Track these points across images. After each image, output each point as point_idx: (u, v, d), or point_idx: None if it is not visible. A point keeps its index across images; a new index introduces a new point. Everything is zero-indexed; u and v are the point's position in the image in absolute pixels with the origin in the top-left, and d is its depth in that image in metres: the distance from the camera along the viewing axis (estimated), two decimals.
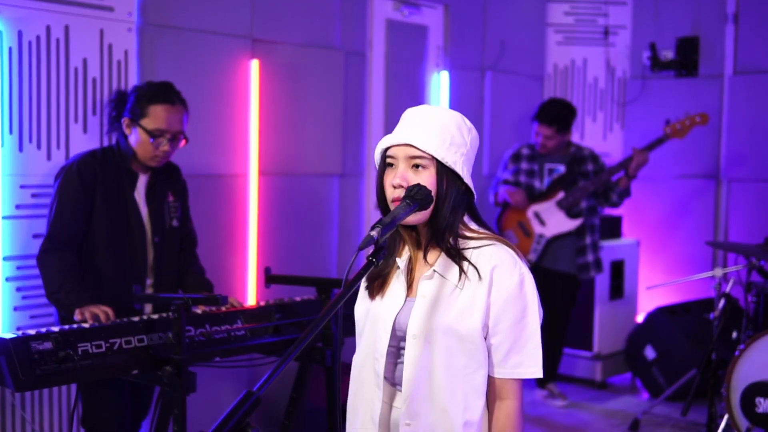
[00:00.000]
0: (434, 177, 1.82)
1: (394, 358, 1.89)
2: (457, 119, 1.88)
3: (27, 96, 3.40)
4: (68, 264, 3.01)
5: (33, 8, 3.40)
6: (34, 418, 3.49)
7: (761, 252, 4.12)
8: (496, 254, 1.84)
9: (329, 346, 3.25)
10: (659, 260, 5.91)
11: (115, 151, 3.15)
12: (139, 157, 3.11)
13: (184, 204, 3.36)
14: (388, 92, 5.06)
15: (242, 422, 1.51)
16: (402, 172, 1.83)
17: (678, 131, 4.88)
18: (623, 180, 4.87)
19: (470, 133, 1.89)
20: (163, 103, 3.07)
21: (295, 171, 4.51)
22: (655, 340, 5.22)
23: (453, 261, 1.85)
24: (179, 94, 3.16)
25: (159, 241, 3.19)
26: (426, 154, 1.82)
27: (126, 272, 3.08)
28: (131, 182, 3.14)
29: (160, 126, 3.06)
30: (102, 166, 3.09)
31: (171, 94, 3.12)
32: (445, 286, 1.84)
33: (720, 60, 5.68)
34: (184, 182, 3.37)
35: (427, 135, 1.83)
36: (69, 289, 2.93)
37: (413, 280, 1.90)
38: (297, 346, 1.56)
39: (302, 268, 4.46)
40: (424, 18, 5.26)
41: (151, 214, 3.18)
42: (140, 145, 3.09)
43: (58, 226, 3.03)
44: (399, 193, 1.82)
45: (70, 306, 2.90)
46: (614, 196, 4.93)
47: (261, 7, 4.26)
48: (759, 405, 3.72)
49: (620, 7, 6.07)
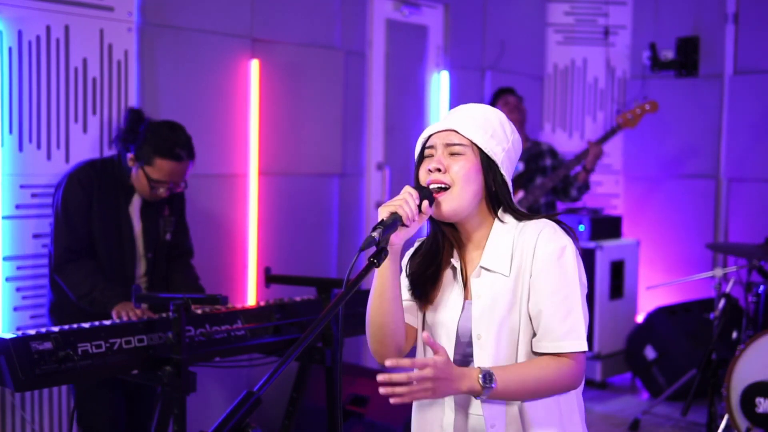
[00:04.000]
0: (472, 163, 1.80)
1: (465, 364, 1.83)
2: (500, 117, 1.89)
3: (27, 96, 3.40)
4: (91, 267, 3.04)
5: (33, 8, 3.40)
6: (34, 418, 3.49)
7: (761, 252, 4.12)
8: (537, 226, 1.81)
9: (329, 346, 3.25)
10: (659, 260, 5.91)
11: (115, 163, 3.15)
12: (136, 188, 3.12)
13: (181, 217, 3.35)
14: (388, 92, 5.05)
15: (242, 422, 1.51)
16: (439, 157, 1.82)
17: (629, 120, 4.87)
18: (581, 174, 4.83)
19: (513, 134, 1.89)
20: (170, 159, 3.04)
21: (295, 171, 4.51)
22: (655, 340, 5.21)
23: (500, 253, 1.81)
24: (189, 142, 3.11)
25: (152, 256, 3.20)
26: (465, 140, 1.81)
27: (117, 284, 3.08)
28: (126, 197, 3.15)
29: (162, 179, 3.06)
30: (99, 177, 3.09)
31: (179, 148, 3.06)
32: (496, 279, 1.81)
33: (720, 60, 5.68)
34: (181, 195, 3.34)
35: (469, 122, 1.82)
36: (102, 287, 2.97)
37: (467, 281, 1.86)
38: (298, 346, 1.55)
39: (302, 268, 4.46)
40: (424, 18, 5.26)
41: (144, 230, 3.18)
42: (139, 182, 3.09)
43: (70, 238, 3.04)
44: (434, 177, 1.80)
45: (106, 303, 2.93)
46: (573, 191, 4.88)
47: (261, 7, 4.26)
48: (759, 405, 3.72)
49: (620, 7, 6.07)
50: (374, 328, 1.85)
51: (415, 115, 5.19)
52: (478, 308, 1.81)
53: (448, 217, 1.82)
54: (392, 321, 1.83)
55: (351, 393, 3.73)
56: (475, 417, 1.83)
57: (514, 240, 1.82)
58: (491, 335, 1.79)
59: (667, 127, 5.65)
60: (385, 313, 1.82)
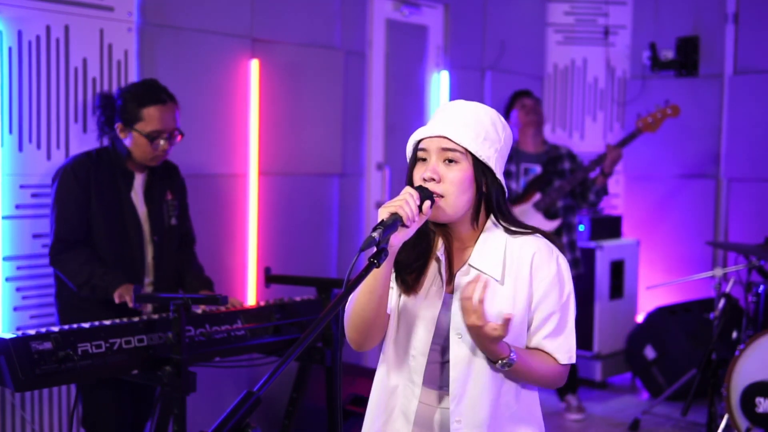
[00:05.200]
0: (466, 172, 1.80)
1: (439, 357, 1.86)
2: (492, 115, 1.87)
3: (27, 96, 3.40)
4: (87, 254, 3.04)
5: (33, 8, 3.40)
6: (34, 418, 3.49)
7: (761, 252, 4.12)
8: (535, 244, 1.85)
9: (329, 346, 3.25)
10: (659, 260, 5.91)
11: (110, 151, 3.15)
12: (138, 158, 3.11)
13: (183, 202, 3.36)
14: (388, 92, 5.05)
15: (242, 422, 1.51)
16: (433, 165, 1.81)
17: (650, 125, 4.82)
18: (599, 178, 4.78)
19: (504, 130, 1.88)
20: (155, 104, 3.07)
21: (295, 171, 4.51)
22: (655, 340, 5.22)
23: (491, 255, 1.84)
24: (167, 90, 3.16)
25: (158, 240, 3.19)
26: (460, 147, 1.80)
27: (125, 271, 3.08)
28: (127, 182, 3.14)
29: (157, 127, 3.06)
30: (96, 166, 3.09)
31: (160, 92, 3.11)
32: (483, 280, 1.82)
33: (720, 60, 5.68)
34: (182, 180, 3.37)
35: (461, 128, 1.81)
36: (101, 273, 2.97)
37: (452, 276, 1.87)
38: (298, 346, 1.55)
39: (302, 268, 4.46)
40: (424, 18, 5.26)
41: (149, 213, 3.18)
42: (138, 147, 3.09)
43: (63, 228, 3.04)
44: (429, 187, 1.80)
45: (107, 288, 2.94)
46: (591, 195, 4.81)
47: (261, 7, 4.26)
48: (759, 405, 3.72)
49: (620, 7, 6.07)
50: (358, 321, 1.86)
51: (415, 115, 5.19)
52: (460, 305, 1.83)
53: (444, 221, 1.84)
54: (378, 315, 1.85)
55: (351, 393, 3.73)
56: (440, 410, 1.86)
57: (506, 246, 1.85)
58: (468, 334, 1.81)
59: (667, 127, 5.63)
60: (373, 308, 1.83)
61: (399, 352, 1.90)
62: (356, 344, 1.92)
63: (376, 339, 1.91)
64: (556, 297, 1.85)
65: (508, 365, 1.78)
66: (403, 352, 1.89)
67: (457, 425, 1.82)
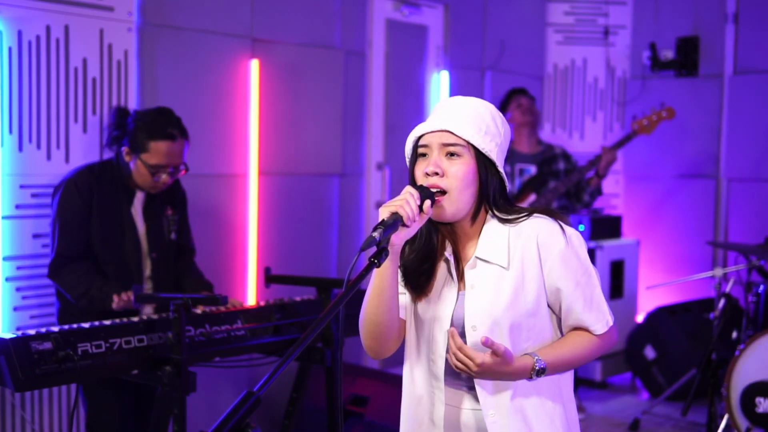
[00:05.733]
0: (469, 165, 1.80)
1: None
2: (491, 109, 1.86)
3: (27, 96, 3.40)
4: (85, 268, 3.04)
5: (33, 8, 3.40)
6: (34, 418, 3.49)
7: (761, 252, 4.12)
8: (536, 224, 1.82)
9: (329, 346, 3.25)
10: (659, 260, 5.91)
11: (114, 165, 3.14)
12: (138, 183, 3.11)
13: (183, 215, 3.35)
14: (388, 92, 5.06)
15: (242, 422, 1.51)
16: (436, 160, 1.80)
17: (645, 127, 4.84)
18: (594, 179, 4.78)
19: (504, 125, 1.87)
20: (164, 140, 3.04)
21: (295, 171, 4.51)
22: (655, 340, 5.22)
23: (495, 244, 1.82)
24: (179, 123, 3.11)
25: (156, 256, 3.19)
26: (461, 140, 1.79)
27: (123, 285, 3.08)
28: (128, 198, 3.14)
29: (161, 162, 3.05)
30: (98, 180, 3.08)
31: (171, 128, 3.07)
32: (492, 270, 1.81)
33: (720, 60, 5.68)
34: (183, 193, 3.35)
35: (463, 122, 1.80)
36: (99, 284, 2.97)
37: (461, 273, 1.86)
38: (298, 346, 1.55)
39: (302, 268, 4.46)
40: (424, 18, 5.26)
41: (148, 230, 3.17)
42: (140, 175, 3.08)
43: (64, 244, 3.04)
44: (431, 182, 1.79)
45: (105, 298, 2.94)
46: (586, 196, 4.82)
47: (261, 7, 4.26)
48: (759, 405, 3.72)
49: (620, 7, 6.07)
50: (371, 326, 1.85)
51: (415, 115, 5.19)
52: (472, 298, 1.82)
53: (447, 219, 1.83)
54: (390, 318, 1.84)
55: (351, 393, 3.73)
56: (467, 412, 1.84)
57: (509, 232, 1.83)
58: (485, 327, 1.79)
59: (667, 127, 5.63)
60: (384, 312, 1.82)
61: (420, 358, 1.89)
62: (373, 351, 1.90)
63: (391, 345, 1.89)
64: (575, 265, 1.81)
65: (542, 372, 1.77)
66: (424, 357, 1.88)
67: (492, 418, 1.80)
